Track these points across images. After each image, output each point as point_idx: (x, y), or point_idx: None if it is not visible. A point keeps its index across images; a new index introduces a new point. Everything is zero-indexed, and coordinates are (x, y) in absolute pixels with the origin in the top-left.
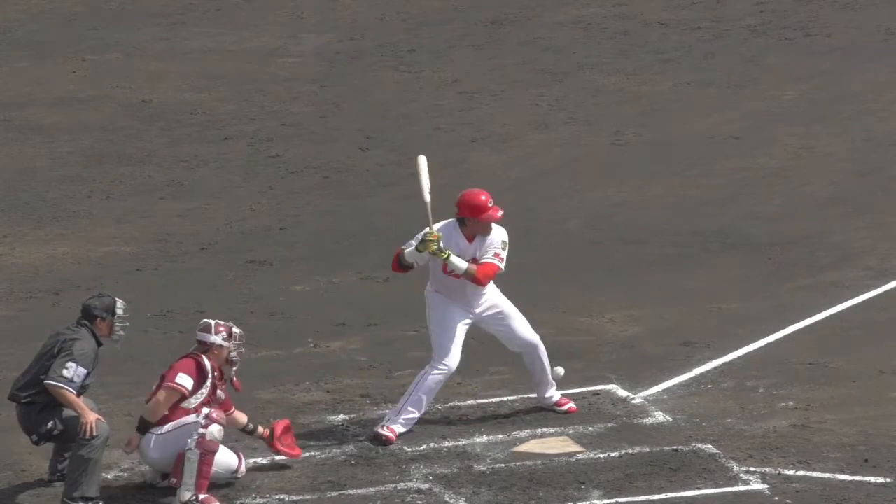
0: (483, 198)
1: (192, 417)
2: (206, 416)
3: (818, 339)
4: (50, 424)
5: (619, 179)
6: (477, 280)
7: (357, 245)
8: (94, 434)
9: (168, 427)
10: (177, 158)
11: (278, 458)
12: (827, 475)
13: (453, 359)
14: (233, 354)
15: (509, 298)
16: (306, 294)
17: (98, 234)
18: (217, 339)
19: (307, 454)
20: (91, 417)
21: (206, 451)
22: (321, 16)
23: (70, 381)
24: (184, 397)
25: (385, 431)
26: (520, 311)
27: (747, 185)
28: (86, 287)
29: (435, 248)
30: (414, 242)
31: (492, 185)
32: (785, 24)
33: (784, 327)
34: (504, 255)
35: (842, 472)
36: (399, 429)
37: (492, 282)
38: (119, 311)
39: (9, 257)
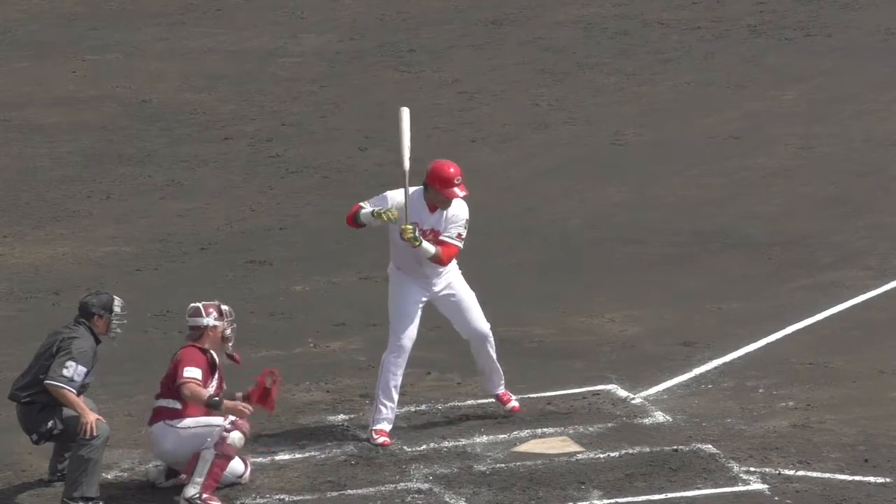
0: (451, 171)
1: (217, 420)
2: (233, 423)
3: (818, 339)
4: (50, 424)
5: (619, 179)
6: (440, 261)
7: (357, 245)
8: (94, 434)
9: (189, 423)
10: (177, 158)
11: (278, 457)
12: (827, 475)
13: (407, 338)
14: (227, 332)
15: (510, 297)
16: (306, 294)
17: (98, 234)
18: (210, 321)
19: (307, 454)
20: (91, 418)
21: (222, 455)
22: (321, 16)
23: (70, 380)
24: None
25: (376, 438)
26: (520, 310)
27: (747, 185)
28: (86, 287)
29: (411, 235)
30: (371, 205)
31: (492, 185)
32: (785, 24)
33: (784, 327)
34: (465, 235)
35: (842, 472)
36: (385, 427)
37: (455, 263)
38: (117, 309)
39: (9, 257)
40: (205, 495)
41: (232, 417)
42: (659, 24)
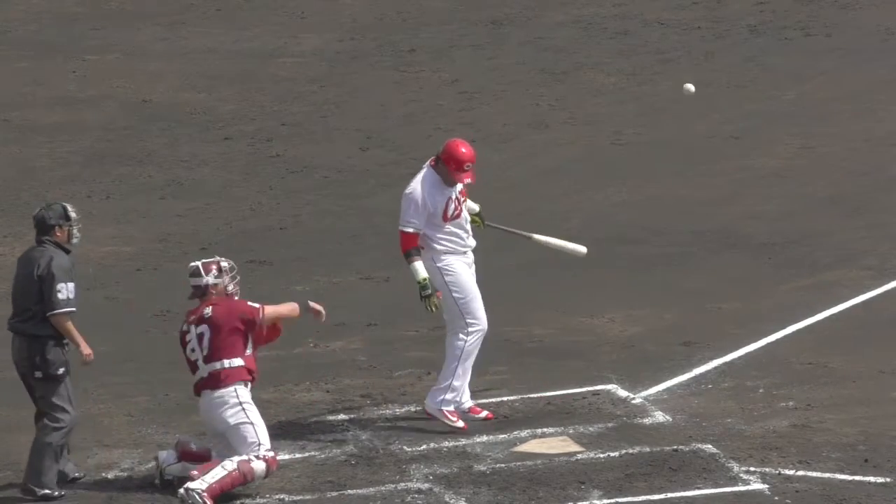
0: (464, 150)
1: (262, 435)
2: (266, 457)
3: (818, 339)
4: (62, 371)
5: (619, 179)
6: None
7: (357, 245)
8: (91, 360)
9: (246, 400)
10: (177, 158)
11: (278, 457)
12: (827, 475)
13: (483, 319)
14: (231, 287)
15: (510, 298)
16: (306, 294)
17: (98, 234)
18: (210, 279)
19: (307, 454)
20: (89, 350)
21: (241, 472)
22: (321, 16)
23: (67, 301)
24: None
25: (481, 413)
26: (520, 310)
27: (747, 185)
28: (85, 287)
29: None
30: (413, 228)
31: (492, 185)
32: (785, 24)
33: (784, 327)
34: None
35: (842, 472)
36: (470, 402)
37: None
38: (73, 215)
39: (9, 257)
40: (206, 495)
41: (269, 452)
42: (659, 24)
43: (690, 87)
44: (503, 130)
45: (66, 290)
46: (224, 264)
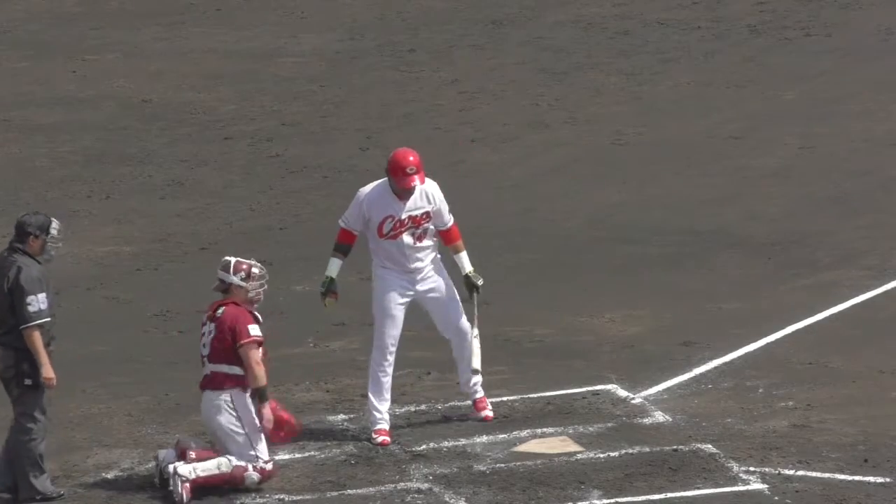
0: (411, 159)
1: (260, 446)
2: (261, 468)
3: (818, 339)
4: (28, 382)
5: (619, 179)
6: (455, 242)
7: (357, 245)
8: (53, 386)
9: (246, 407)
10: (177, 158)
11: (278, 457)
12: (827, 475)
13: (391, 338)
14: (252, 294)
15: (510, 298)
16: (306, 294)
17: (98, 234)
18: (235, 280)
19: (307, 454)
20: (52, 374)
21: (233, 475)
22: (321, 16)
23: (39, 312)
24: (261, 344)
25: (376, 437)
26: (520, 310)
27: (747, 185)
28: (86, 287)
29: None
30: (345, 224)
31: (492, 185)
32: (785, 24)
33: (784, 327)
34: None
35: (842, 472)
36: (383, 426)
37: (438, 258)
38: (53, 232)
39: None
40: (187, 486)
41: (266, 464)
42: (659, 24)
43: None
44: (503, 130)
45: (36, 302)
46: (255, 270)
